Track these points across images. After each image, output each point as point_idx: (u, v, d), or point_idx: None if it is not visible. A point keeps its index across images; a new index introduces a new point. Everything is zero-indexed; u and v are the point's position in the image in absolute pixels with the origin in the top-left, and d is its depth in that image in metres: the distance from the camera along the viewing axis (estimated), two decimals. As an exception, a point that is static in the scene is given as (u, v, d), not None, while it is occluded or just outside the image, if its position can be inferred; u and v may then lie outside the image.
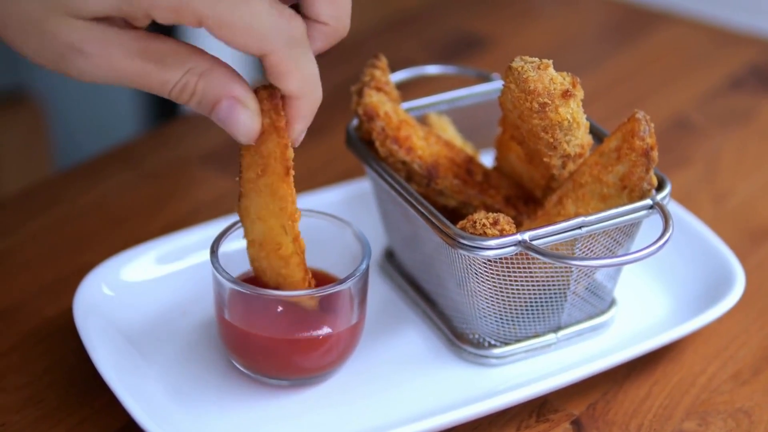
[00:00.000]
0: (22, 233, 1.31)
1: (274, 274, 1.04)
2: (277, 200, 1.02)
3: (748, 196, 1.42)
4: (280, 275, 1.04)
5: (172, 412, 1.05)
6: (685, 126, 1.56)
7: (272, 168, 1.01)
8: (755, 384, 1.13)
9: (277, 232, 1.03)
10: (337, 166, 1.43)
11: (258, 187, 1.02)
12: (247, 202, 1.03)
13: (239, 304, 1.06)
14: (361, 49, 1.70)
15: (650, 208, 1.07)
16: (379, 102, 1.14)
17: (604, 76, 1.69)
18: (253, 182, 1.02)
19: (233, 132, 0.98)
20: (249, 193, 1.03)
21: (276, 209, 1.02)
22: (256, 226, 1.03)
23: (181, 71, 0.96)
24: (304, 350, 1.06)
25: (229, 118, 0.97)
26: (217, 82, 0.97)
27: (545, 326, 1.13)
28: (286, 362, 1.07)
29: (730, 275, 1.19)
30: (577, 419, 1.09)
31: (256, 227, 1.03)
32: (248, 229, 1.04)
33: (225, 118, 0.97)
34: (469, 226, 1.04)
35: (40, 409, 1.08)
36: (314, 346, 1.06)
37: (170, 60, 0.95)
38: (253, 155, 1.02)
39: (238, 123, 0.97)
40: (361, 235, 1.10)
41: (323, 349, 1.07)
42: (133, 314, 1.15)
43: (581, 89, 1.05)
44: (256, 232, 1.03)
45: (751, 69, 1.70)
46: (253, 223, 1.03)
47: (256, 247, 1.04)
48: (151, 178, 1.42)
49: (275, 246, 1.03)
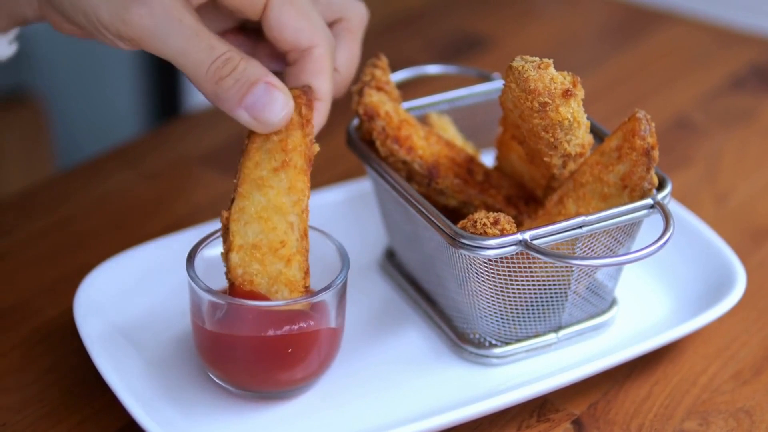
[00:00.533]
0: (23, 233, 1.31)
1: (268, 277, 1.02)
2: (293, 194, 1.02)
3: (749, 195, 1.42)
4: (280, 274, 1.03)
5: (172, 412, 1.05)
6: (686, 126, 1.56)
7: (294, 162, 1.03)
8: (756, 384, 1.13)
9: (282, 230, 1.02)
10: (337, 166, 1.43)
11: (267, 183, 1.02)
12: (244, 203, 1.02)
13: (217, 314, 1.05)
14: (361, 49, 1.70)
15: (651, 208, 1.07)
16: (379, 101, 1.14)
17: (605, 76, 1.69)
18: (261, 179, 1.02)
19: (266, 114, 1.01)
20: (250, 192, 1.02)
21: (289, 203, 1.02)
22: (250, 227, 1.02)
23: (227, 47, 1.01)
24: (283, 362, 1.05)
25: (265, 98, 1.00)
26: (257, 66, 1.01)
27: (546, 326, 1.13)
28: (265, 375, 1.06)
29: (731, 275, 1.19)
30: (578, 419, 1.09)
31: (250, 229, 1.02)
32: (237, 233, 1.02)
33: (260, 98, 1.00)
34: (469, 225, 1.03)
35: (41, 408, 1.08)
36: (292, 360, 1.05)
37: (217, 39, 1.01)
38: (268, 150, 1.02)
39: (274, 104, 1.01)
40: (341, 248, 1.09)
41: (302, 363, 1.06)
42: (133, 314, 1.15)
43: (582, 88, 1.05)
44: (250, 235, 1.02)
45: (752, 69, 1.70)
46: (248, 224, 1.02)
47: (246, 251, 1.02)
48: (152, 179, 1.42)
49: (276, 245, 1.02)
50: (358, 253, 1.19)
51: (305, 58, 1.07)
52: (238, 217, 1.02)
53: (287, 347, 1.04)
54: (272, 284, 1.02)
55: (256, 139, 1.04)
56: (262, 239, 1.02)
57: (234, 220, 1.02)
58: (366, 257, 1.25)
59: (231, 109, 1.01)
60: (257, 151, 1.03)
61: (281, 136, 1.03)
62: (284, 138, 1.03)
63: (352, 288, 1.11)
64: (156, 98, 2.39)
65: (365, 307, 1.19)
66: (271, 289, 1.02)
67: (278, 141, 1.03)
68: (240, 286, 1.02)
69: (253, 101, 1.01)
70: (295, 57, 1.08)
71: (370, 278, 1.23)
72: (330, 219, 1.22)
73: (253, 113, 1.01)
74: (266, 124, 1.01)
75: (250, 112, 1.01)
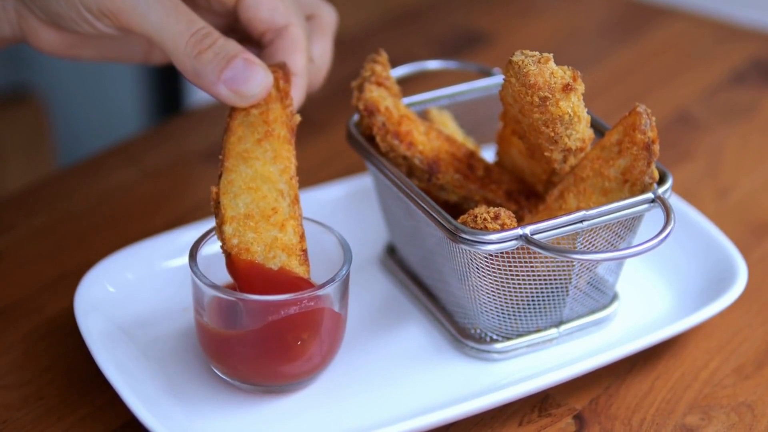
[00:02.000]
0: (24, 230, 1.31)
1: (264, 244, 1.02)
2: (279, 162, 1.04)
3: (750, 190, 1.41)
4: (276, 240, 1.02)
5: (173, 409, 1.05)
6: (687, 121, 1.56)
7: (277, 132, 1.05)
8: (758, 378, 1.13)
9: (273, 197, 1.03)
10: (338, 162, 1.43)
11: (252, 155, 1.03)
12: (231, 176, 1.03)
13: (220, 310, 1.05)
14: (361, 45, 1.70)
15: (652, 202, 1.07)
16: (379, 97, 1.14)
17: (606, 71, 1.69)
18: (246, 152, 1.04)
19: (246, 87, 1.04)
20: (236, 166, 1.03)
21: (276, 172, 1.03)
22: (240, 199, 1.03)
23: (205, 23, 1.05)
24: (286, 355, 1.05)
25: (244, 72, 1.03)
26: (235, 43, 1.05)
27: (547, 321, 1.13)
28: (269, 368, 1.06)
29: (732, 269, 1.18)
30: (580, 414, 1.08)
31: (240, 200, 1.03)
32: (228, 205, 1.03)
33: (240, 72, 1.03)
34: (470, 220, 1.03)
35: (41, 406, 1.08)
36: (296, 353, 1.05)
37: (196, 15, 1.06)
38: (250, 124, 1.04)
39: (253, 77, 1.04)
40: (343, 240, 1.09)
41: (305, 356, 1.06)
42: (134, 311, 1.15)
43: (582, 83, 1.05)
44: (241, 206, 1.03)
45: (753, 63, 1.70)
46: (237, 197, 1.03)
47: (239, 221, 1.02)
48: (153, 176, 1.42)
49: (268, 213, 1.02)
50: (358, 249, 1.19)
51: (281, 36, 1.10)
52: (227, 190, 1.03)
53: (291, 340, 1.04)
54: (269, 250, 1.02)
55: (236, 115, 1.06)
56: (253, 209, 1.02)
57: (224, 194, 1.03)
58: (367, 253, 1.25)
59: (211, 84, 1.04)
60: (239, 126, 1.05)
61: (261, 109, 1.05)
62: (264, 111, 1.05)
63: (353, 284, 1.11)
64: (157, 95, 2.39)
65: (366, 303, 1.19)
66: (268, 255, 1.02)
67: (259, 114, 1.05)
68: (236, 256, 1.02)
69: (233, 75, 1.03)
70: (270, 37, 1.11)
71: (371, 274, 1.23)
72: (330, 215, 1.22)
73: (233, 86, 1.04)
74: (246, 97, 1.04)
75: (229, 85, 1.04)
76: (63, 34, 1.12)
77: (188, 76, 1.06)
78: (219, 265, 1.05)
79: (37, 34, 1.11)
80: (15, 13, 1.10)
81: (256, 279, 1.02)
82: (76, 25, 1.07)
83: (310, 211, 1.13)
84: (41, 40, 1.11)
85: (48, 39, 1.12)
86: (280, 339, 1.04)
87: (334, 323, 1.07)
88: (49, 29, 1.11)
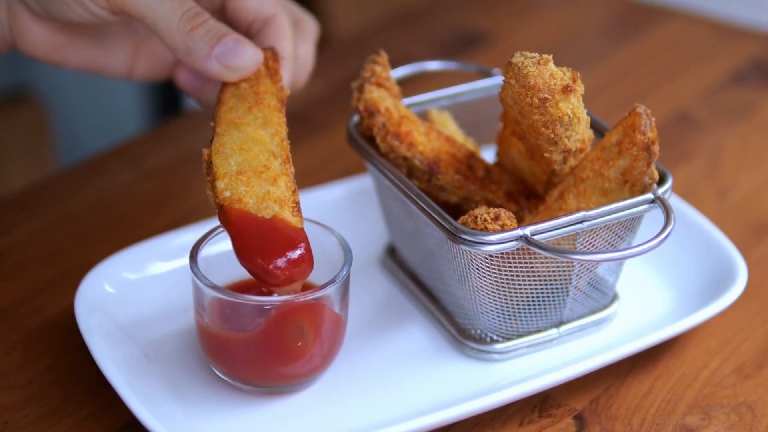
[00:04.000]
0: (25, 231, 1.31)
1: (256, 197, 1.02)
2: (269, 127, 1.06)
3: (750, 190, 1.41)
4: (268, 194, 1.02)
5: (174, 410, 1.05)
6: (687, 120, 1.56)
7: (267, 101, 1.08)
8: (758, 378, 1.13)
9: (264, 157, 1.04)
10: (338, 163, 1.43)
11: (243, 121, 1.06)
12: (223, 139, 1.05)
13: (221, 311, 1.05)
14: (361, 45, 1.70)
15: (652, 203, 1.07)
16: (380, 98, 1.14)
17: (606, 71, 1.69)
18: (237, 119, 1.06)
19: (237, 59, 1.08)
20: (228, 131, 1.05)
21: (267, 135, 1.05)
22: (232, 158, 1.03)
23: (196, 4, 1.09)
24: (287, 356, 1.05)
25: (236, 46, 1.08)
26: (225, 25, 1.10)
27: (547, 321, 1.13)
28: (269, 369, 1.06)
29: (732, 269, 1.18)
30: (580, 414, 1.09)
31: (232, 159, 1.03)
32: (220, 164, 1.03)
33: (231, 47, 1.08)
34: (470, 221, 1.03)
35: (42, 406, 1.08)
36: (296, 354, 1.05)
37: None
38: (241, 95, 1.08)
39: (244, 52, 1.08)
40: (343, 241, 1.09)
41: (306, 357, 1.06)
42: (134, 312, 1.15)
43: (581, 84, 1.05)
44: (233, 164, 1.03)
45: (753, 63, 1.70)
46: (229, 157, 1.03)
47: (231, 177, 1.02)
48: (153, 177, 1.42)
49: (260, 169, 1.03)
50: (359, 250, 1.19)
51: (268, 25, 1.14)
52: (219, 151, 1.04)
53: (291, 341, 1.04)
54: (261, 202, 1.02)
55: (227, 89, 1.09)
56: (245, 166, 1.03)
57: (216, 154, 1.04)
58: (367, 254, 1.25)
59: (202, 59, 1.08)
60: (230, 97, 1.08)
61: (251, 83, 1.09)
62: (254, 84, 1.09)
63: (354, 284, 1.11)
64: (157, 96, 2.39)
65: (367, 304, 1.19)
66: (261, 206, 1.02)
67: (249, 87, 1.08)
68: (228, 206, 1.01)
69: (224, 50, 1.08)
70: (258, 26, 1.14)
71: (371, 274, 1.23)
72: (331, 215, 1.22)
73: (223, 60, 1.08)
74: (236, 69, 1.08)
75: (219, 60, 1.08)
76: (52, 32, 1.14)
77: (179, 53, 1.09)
78: (220, 266, 1.05)
79: (26, 33, 1.13)
80: (6, 10, 1.12)
81: (248, 229, 1.01)
82: (68, 8, 1.09)
83: (310, 212, 1.13)
84: (29, 40, 1.13)
85: (36, 38, 1.14)
86: (280, 340, 1.04)
87: (335, 324, 1.07)
88: (39, 25, 1.13)
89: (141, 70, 1.21)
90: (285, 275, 1.00)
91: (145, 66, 1.20)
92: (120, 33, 1.19)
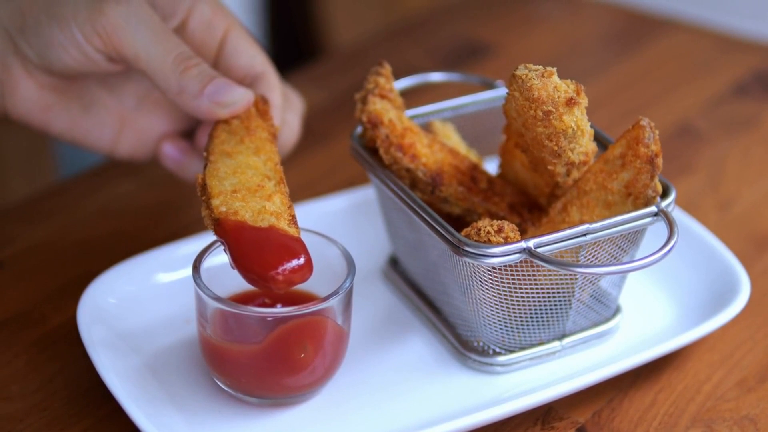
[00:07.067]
0: (26, 241, 1.31)
1: (252, 211, 1.02)
2: (262, 154, 1.08)
3: (752, 202, 1.41)
4: (264, 208, 1.02)
5: (176, 421, 1.05)
6: (689, 133, 1.56)
7: (258, 133, 1.10)
8: (761, 391, 1.13)
9: (258, 179, 1.05)
10: (341, 174, 1.43)
11: (236, 150, 1.07)
12: (216, 166, 1.06)
13: (224, 322, 1.05)
14: (364, 57, 1.70)
15: (655, 215, 1.07)
16: (383, 109, 1.14)
17: (608, 83, 1.69)
18: (231, 148, 1.08)
19: (229, 96, 1.11)
20: (221, 158, 1.06)
21: (260, 161, 1.07)
22: (227, 180, 1.04)
23: (188, 48, 1.13)
24: (290, 368, 1.05)
25: (226, 86, 1.12)
26: (214, 70, 1.14)
27: (550, 334, 1.13)
28: (272, 381, 1.06)
29: (735, 282, 1.18)
30: (582, 427, 1.08)
31: (226, 181, 1.04)
32: (215, 186, 1.04)
33: (222, 87, 1.11)
34: (473, 233, 1.03)
35: (44, 417, 1.08)
36: (299, 365, 1.05)
37: (181, 39, 1.14)
38: (232, 131, 1.10)
39: (235, 90, 1.12)
40: (346, 253, 1.09)
41: (308, 368, 1.06)
42: (136, 322, 1.15)
43: (585, 97, 1.05)
44: (227, 185, 1.04)
45: (755, 75, 1.70)
46: (222, 180, 1.04)
47: (226, 195, 1.03)
48: (155, 187, 1.42)
49: (254, 188, 1.04)
50: (361, 261, 1.19)
51: (258, 81, 1.17)
52: (214, 174, 1.05)
53: (294, 353, 1.04)
54: (257, 215, 1.02)
55: (218, 126, 1.11)
56: (239, 186, 1.04)
57: (210, 177, 1.05)
58: (369, 265, 1.25)
59: (193, 97, 1.11)
60: (221, 132, 1.10)
61: (242, 119, 1.11)
62: (245, 120, 1.11)
63: (356, 296, 1.11)
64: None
65: (369, 315, 1.19)
66: (257, 219, 1.02)
67: (240, 123, 1.11)
68: (224, 218, 1.01)
69: (215, 89, 1.11)
70: (248, 82, 1.18)
71: (373, 286, 1.23)
72: (333, 227, 1.22)
73: (214, 98, 1.11)
74: (227, 105, 1.11)
75: (210, 98, 1.11)
76: (41, 90, 1.17)
77: (171, 92, 1.13)
78: (222, 277, 1.05)
79: (15, 90, 1.16)
80: (1, 65, 1.16)
81: (245, 236, 1.00)
82: (65, 52, 1.12)
83: (312, 223, 1.13)
84: (18, 98, 1.16)
85: (25, 97, 1.17)
86: (283, 351, 1.04)
87: (337, 336, 1.07)
88: (30, 82, 1.16)
89: (125, 146, 1.23)
90: (284, 279, 0.99)
91: (130, 142, 1.23)
92: (108, 104, 1.22)
